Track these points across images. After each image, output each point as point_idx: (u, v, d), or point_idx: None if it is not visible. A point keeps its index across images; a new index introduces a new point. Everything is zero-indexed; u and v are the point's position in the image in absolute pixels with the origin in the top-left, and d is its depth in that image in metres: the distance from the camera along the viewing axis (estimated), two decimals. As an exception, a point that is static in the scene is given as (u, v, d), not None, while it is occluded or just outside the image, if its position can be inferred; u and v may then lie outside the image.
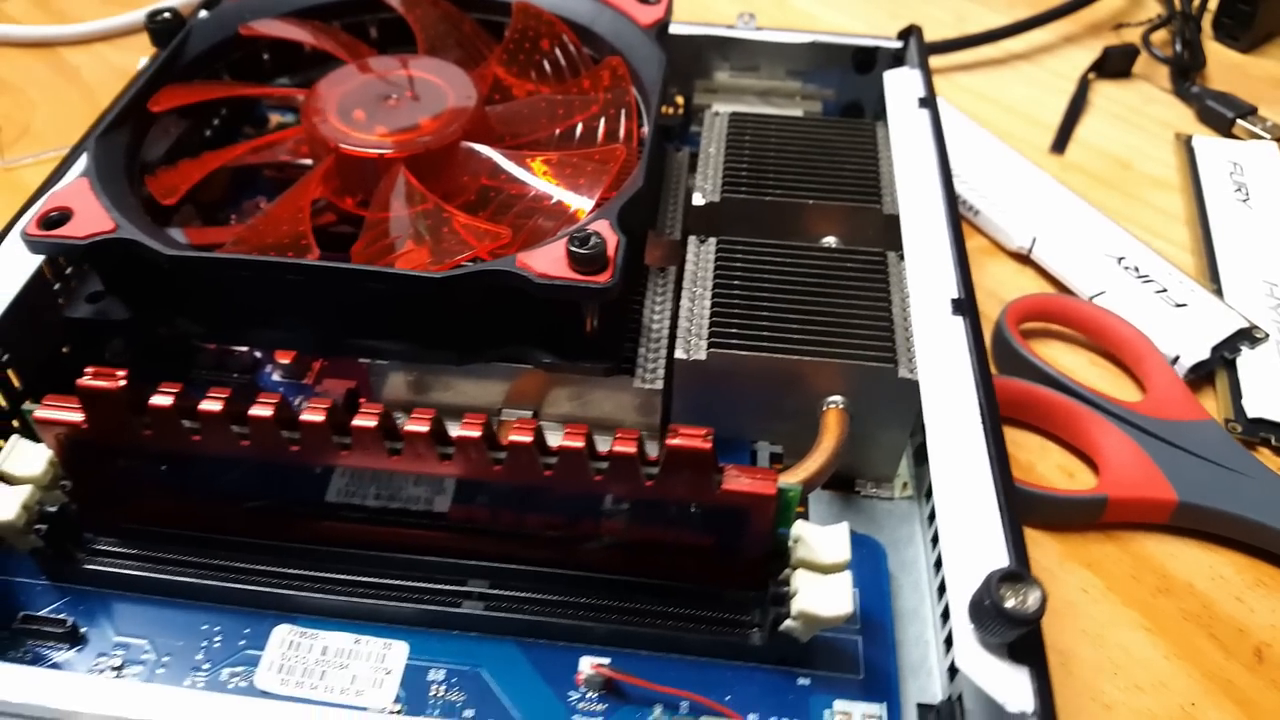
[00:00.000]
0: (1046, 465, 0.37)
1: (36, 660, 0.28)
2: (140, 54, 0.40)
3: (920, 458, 0.33)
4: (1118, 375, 0.41)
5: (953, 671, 0.26)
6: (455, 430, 0.26)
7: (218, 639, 0.28)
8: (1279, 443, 0.38)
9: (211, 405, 0.26)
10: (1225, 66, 0.61)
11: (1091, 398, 0.38)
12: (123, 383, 0.26)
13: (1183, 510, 0.34)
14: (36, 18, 0.61)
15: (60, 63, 0.58)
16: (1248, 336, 0.41)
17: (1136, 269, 0.44)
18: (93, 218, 0.30)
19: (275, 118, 0.46)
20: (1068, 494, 0.35)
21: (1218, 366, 0.41)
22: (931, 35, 0.47)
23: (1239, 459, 0.36)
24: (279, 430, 0.26)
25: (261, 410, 0.26)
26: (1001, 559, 0.24)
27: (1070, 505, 0.35)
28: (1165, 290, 0.43)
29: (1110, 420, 0.37)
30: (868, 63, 0.45)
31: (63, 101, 0.55)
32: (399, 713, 0.27)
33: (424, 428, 0.26)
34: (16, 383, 0.32)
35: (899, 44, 0.45)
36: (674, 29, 0.44)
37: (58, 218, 0.30)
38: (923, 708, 0.27)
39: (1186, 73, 0.59)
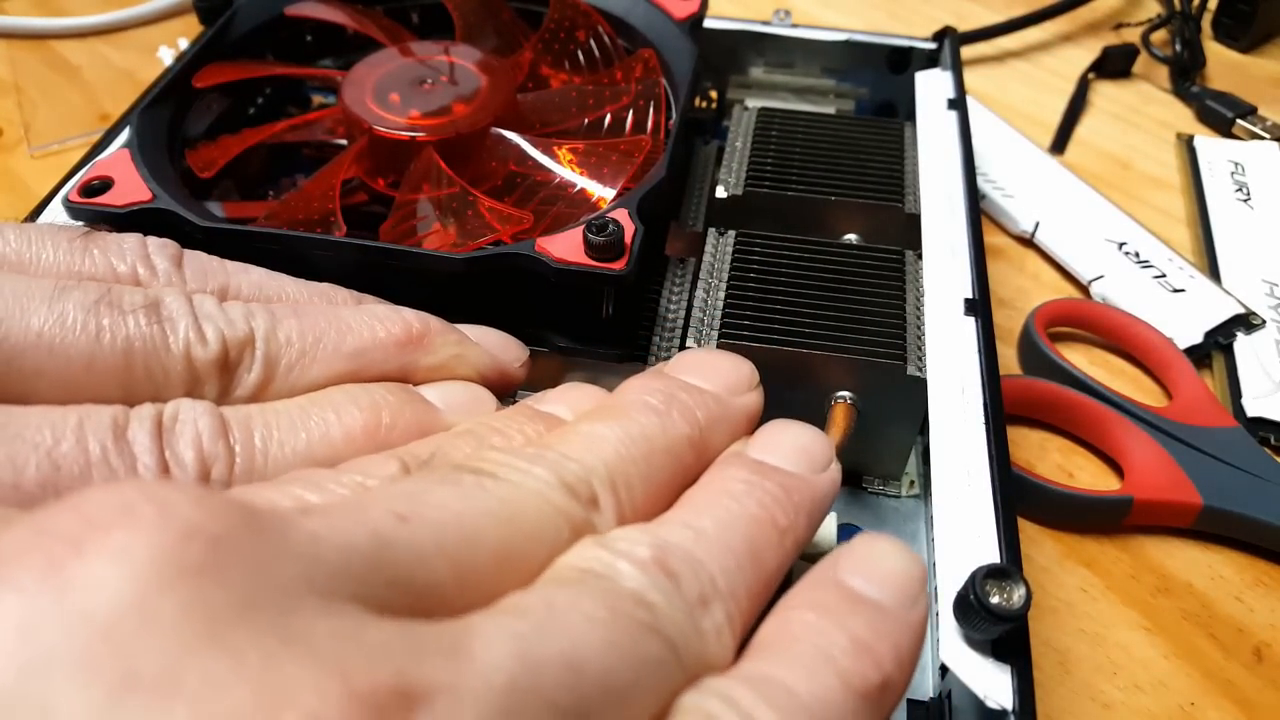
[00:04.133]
0: (1046, 465, 0.37)
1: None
2: (141, 50, 0.41)
3: (929, 457, 0.33)
4: (1144, 380, 0.41)
5: (944, 669, 0.26)
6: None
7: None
8: (1278, 442, 0.38)
9: None
10: (1225, 66, 0.60)
11: (1117, 400, 0.38)
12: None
13: (1206, 514, 0.34)
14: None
15: (62, 62, 0.58)
16: (1244, 322, 0.41)
17: (1136, 254, 0.44)
18: (132, 188, 0.31)
19: (318, 99, 0.47)
20: (1094, 494, 0.35)
21: (1213, 352, 0.40)
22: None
23: (1264, 465, 0.35)
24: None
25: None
26: (992, 555, 0.25)
27: (1096, 505, 0.35)
28: (1164, 275, 0.43)
29: (1136, 424, 0.37)
30: (902, 63, 0.45)
31: (65, 100, 0.55)
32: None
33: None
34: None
35: (933, 45, 0.45)
36: (710, 23, 0.45)
37: (99, 186, 0.31)
38: (912, 703, 0.27)
39: (1186, 73, 0.58)
